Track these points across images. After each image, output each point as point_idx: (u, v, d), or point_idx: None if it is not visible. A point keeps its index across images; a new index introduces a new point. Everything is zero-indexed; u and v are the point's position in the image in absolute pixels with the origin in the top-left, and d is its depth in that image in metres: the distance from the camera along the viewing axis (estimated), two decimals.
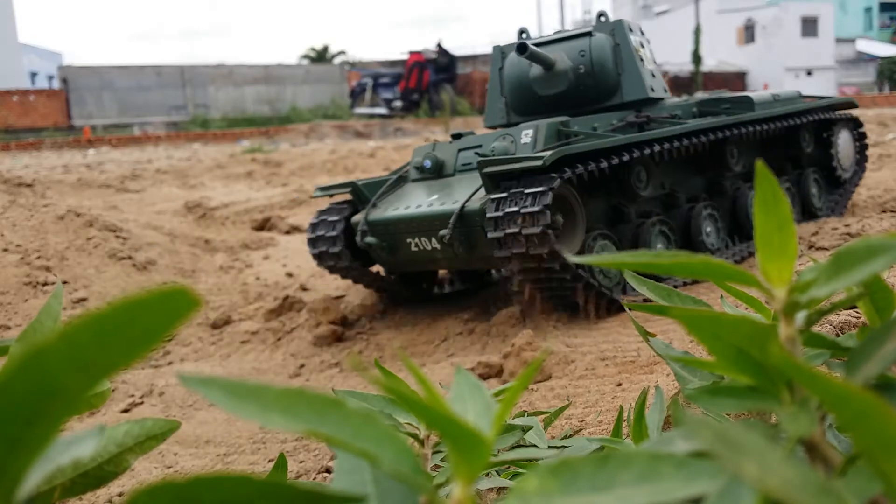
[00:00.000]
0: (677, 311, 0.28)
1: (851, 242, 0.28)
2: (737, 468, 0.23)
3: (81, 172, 8.75)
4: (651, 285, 0.34)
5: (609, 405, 1.64)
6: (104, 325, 0.22)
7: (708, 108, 3.34)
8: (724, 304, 0.40)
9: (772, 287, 0.29)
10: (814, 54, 28.04)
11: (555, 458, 0.38)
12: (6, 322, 3.07)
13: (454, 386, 0.35)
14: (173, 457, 1.95)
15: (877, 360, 0.27)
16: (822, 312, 0.30)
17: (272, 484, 0.24)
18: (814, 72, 28.58)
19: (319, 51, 29.92)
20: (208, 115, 19.61)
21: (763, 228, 0.28)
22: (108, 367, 0.23)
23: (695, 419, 0.25)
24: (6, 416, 0.22)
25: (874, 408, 0.23)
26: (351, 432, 0.26)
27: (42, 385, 0.22)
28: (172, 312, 0.22)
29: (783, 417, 0.26)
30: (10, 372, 0.22)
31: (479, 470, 0.28)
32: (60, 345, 0.22)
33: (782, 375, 0.27)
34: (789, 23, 28.25)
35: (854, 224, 3.26)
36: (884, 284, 0.31)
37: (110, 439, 0.32)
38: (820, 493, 0.23)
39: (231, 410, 0.25)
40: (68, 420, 0.24)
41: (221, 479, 0.24)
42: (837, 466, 0.26)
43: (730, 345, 0.27)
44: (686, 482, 0.24)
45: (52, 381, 0.22)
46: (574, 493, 0.25)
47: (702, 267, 0.29)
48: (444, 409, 0.29)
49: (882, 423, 0.23)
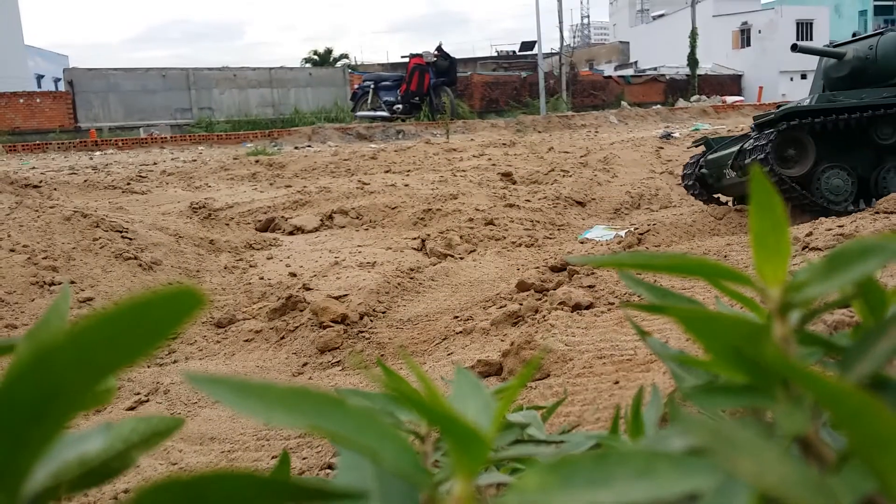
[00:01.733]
0: (674, 310, 0.28)
1: (846, 243, 0.28)
2: (732, 465, 0.23)
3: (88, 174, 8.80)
4: (647, 286, 0.35)
5: (606, 403, 1.64)
6: (111, 325, 0.22)
7: None
8: (719, 304, 0.41)
9: (766, 287, 0.30)
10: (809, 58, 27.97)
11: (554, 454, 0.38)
12: (13, 321, 3.08)
13: (454, 385, 0.36)
14: (178, 453, 1.96)
15: (870, 358, 0.28)
16: (817, 312, 0.30)
17: (276, 480, 0.25)
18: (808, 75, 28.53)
19: (322, 54, 29.99)
20: (213, 117, 19.67)
21: (757, 229, 0.29)
22: (114, 366, 0.23)
23: (691, 417, 0.26)
24: (14, 414, 0.22)
25: (868, 405, 0.23)
26: (353, 429, 0.27)
27: (49, 383, 0.22)
28: (178, 312, 0.23)
29: (778, 415, 0.27)
30: (18, 370, 0.22)
31: (479, 467, 0.28)
32: (67, 343, 0.22)
33: (777, 374, 0.27)
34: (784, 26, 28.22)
35: (848, 225, 3.26)
36: (877, 284, 0.31)
37: (117, 436, 0.32)
38: (815, 490, 0.23)
39: (236, 408, 0.25)
40: (75, 417, 0.24)
41: (226, 476, 0.24)
42: (832, 464, 0.26)
43: (725, 344, 0.28)
44: (682, 478, 0.25)
45: (58, 379, 0.22)
46: (572, 489, 0.25)
47: (697, 267, 0.30)
48: (444, 406, 0.29)
49: (876, 421, 0.23)
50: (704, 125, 13.15)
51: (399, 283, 3.64)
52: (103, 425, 0.32)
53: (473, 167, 8.39)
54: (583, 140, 12.43)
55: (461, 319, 2.87)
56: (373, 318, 3.16)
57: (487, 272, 3.87)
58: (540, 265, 3.52)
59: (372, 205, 6.07)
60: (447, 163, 9.05)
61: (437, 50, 17.26)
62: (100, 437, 0.31)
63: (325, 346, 2.84)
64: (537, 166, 8.43)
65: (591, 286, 2.87)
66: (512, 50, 36.42)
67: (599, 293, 2.79)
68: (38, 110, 18.39)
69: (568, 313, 2.59)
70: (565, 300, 2.68)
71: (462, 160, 9.24)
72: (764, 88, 25.70)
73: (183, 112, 20.00)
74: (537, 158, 9.27)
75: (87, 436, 0.31)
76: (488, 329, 2.68)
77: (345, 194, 6.62)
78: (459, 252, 4.58)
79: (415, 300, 3.45)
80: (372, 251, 4.63)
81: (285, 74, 21.58)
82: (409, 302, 3.42)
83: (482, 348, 2.53)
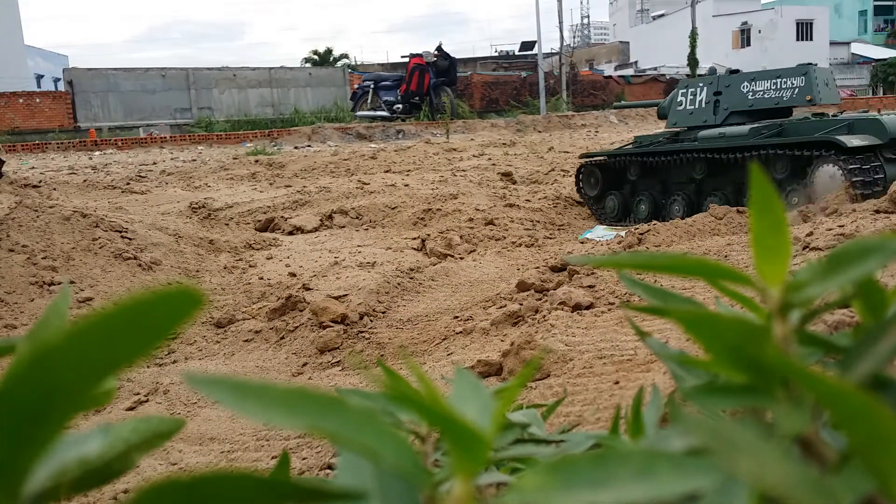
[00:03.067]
0: (674, 311, 0.28)
1: (846, 243, 0.28)
2: (732, 465, 0.23)
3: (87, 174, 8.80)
4: (645, 287, 0.35)
5: (607, 403, 1.64)
6: (110, 324, 0.22)
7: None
8: (718, 305, 0.41)
9: (766, 287, 0.30)
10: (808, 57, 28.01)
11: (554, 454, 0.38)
12: (13, 321, 3.08)
13: (454, 385, 0.36)
14: (178, 454, 1.96)
15: (871, 358, 0.28)
16: (817, 312, 0.30)
17: (275, 481, 0.25)
18: None
19: (322, 54, 29.97)
20: (213, 117, 19.65)
21: (757, 229, 0.29)
22: (114, 366, 0.23)
23: (691, 417, 0.26)
24: (14, 414, 0.22)
25: (868, 405, 0.23)
26: (352, 429, 0.27)
27: (49, 383, 0.22)
28: (177, 311, 0.23)
29: (778, 415, 0.27)
30: (18, 370, 0.22)
31: (479, 467, 0.28)
32: (67, 343, 0.22)
33: (777, 374, 0.27)
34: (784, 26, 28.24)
35: (848, 225, 3.25)
36: (877, 284, 0.31)
37: (117, 437, 0.32)
38: (815, 490, 0.23)
39: (235, 409, 0.25)
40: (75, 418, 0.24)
41: (226, 477, 0.24)
42: (832, 463, 0.26)
43: (725, 344, 0.28)
44: (682, 479, 0.25)
45: (58, 379, 0.22)
46: (572, 489, 0.25)
47: (697, 267, 0.30)
48: (444, 407, 0.29)
49: (876, 421, 0.23)
50: None
51: (399, 283, 3.64)
52: (103, 426, 0.32)
53: (473, 167, 8.39)
54: (583, 140, 12.44)
55: (461, 319, 2.87)
56: (373, 318, 3.16)
57: (487, 272, 3.87)
58: (540, 265, 3.52)
59: (372, 205, 6.08)
60: (447, 163, 9.06)
61: (437, 50, 17.24)
62: (100, 438, 0.31)
63: (324, 346, 2.84)
64: (537, 166, 8.44)
65: (591, 286, 2.87)
66: (512, 50, 36.43)
67: (600, 293, 2.79)
68: (37, 110, 18.39)
69: (568, 313, 2.59)
70: (565, 300, 2.68)
71: (462, 160, 9.24)
72: None
73: (182, 112, 19.99)
74: (537, 158, 9.28)
75: (87, 436, 0.31)
76: (488, 329, 2.68)
77: (344, 194, 6.62)
78: (459, 252, 4.58)
79: (415, 300, 3.45)
80: (372, 251, 4.63)
81: (285, 74, 21.56)
82: (408, 302, 3.42)
83: (482, 348, 2.53)
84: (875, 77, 28.82)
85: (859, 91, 27.96)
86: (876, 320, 0.31)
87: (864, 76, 30.32)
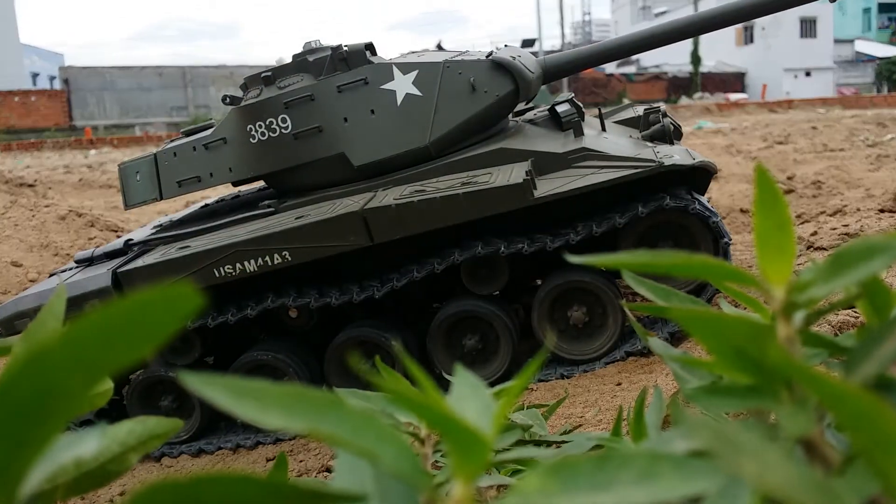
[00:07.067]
0: (677, 311, 0.28)
1: (850, 242, 0.28)
2: (736, 467, 0.23)
3: (83, 173, 8.77)
4: (650, 286, 0.34)
5: (608, 404, 1.64)
6: (107, 325, 0.22)
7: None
8: (722, 305, 0.40)
9: (770, 287, 0.30)
10: (812, 55, 28.02)
11: (555, 456, 0.38)
12: None
13: (454, 385, 0.35)
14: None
15: (875, 359, 0.27)
16: (821, 312, 0.30)
17: (273, 482, 0.24)
18: (812, 72, 28.57)
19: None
20: (209, 115, 19.63)
21: (762, 228, 0.29)
22: (110, 366, 0.23)
23: (694, 419, 0.25)
24: (9, 416, 0.22)
25: (873, 407, 0.23)
26: (351, 431, 0.26)
27: (45, 384, 0.22)
28: (174, 312, 0.22)
29: (782, 417, 0.27)
30: (14, 371, 0.22)
31: (480, 469, 0.28)
32: (63, 344, 0.22)
33: (781, 375, 0.27)
34: (788, 23, 28.20)
35: (853, 224, 3.26)
36: (882, 284, 0.31)
37: (113, 438, 0.32)
38: (819, 492, 0.23)
39: (231, 410, 0.25)
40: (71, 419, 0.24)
41: (222, 479, 0.24)
42: (836, 465, 0.26)
43: (728, 344, 0.28)
44: (685, 481, 0.24)
45: (54, 380, 0.22)
46: (574, 492, 0.25)
47: (700, 267, 0.29)
48: (444, 408, 0.29)
49: (880, 422, 0.23)
50: (708, 123, 13.14)
51: None
52: (99, 427, 0.32)
53: None
54: None
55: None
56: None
57: None
58: None
59: None
60: None
61: (437, 48, 17.22)
62: (96, 440, 0.31)
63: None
64: None
65: None
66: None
67: None
68: (33, 108, 18.34)
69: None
70: None
71: None
72: (767, 86, 25.72)
73: (179, 110, 19.96)
74: None
75: (83, 438, 0.30)
76: None
77: None
78: None
79: None
80: None
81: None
82: None
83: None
84: (879, 75, 28.82)
85: (863, 89, 27.96)
86: (881, 321, 0.31)
87: (868, 74, 30.33)
